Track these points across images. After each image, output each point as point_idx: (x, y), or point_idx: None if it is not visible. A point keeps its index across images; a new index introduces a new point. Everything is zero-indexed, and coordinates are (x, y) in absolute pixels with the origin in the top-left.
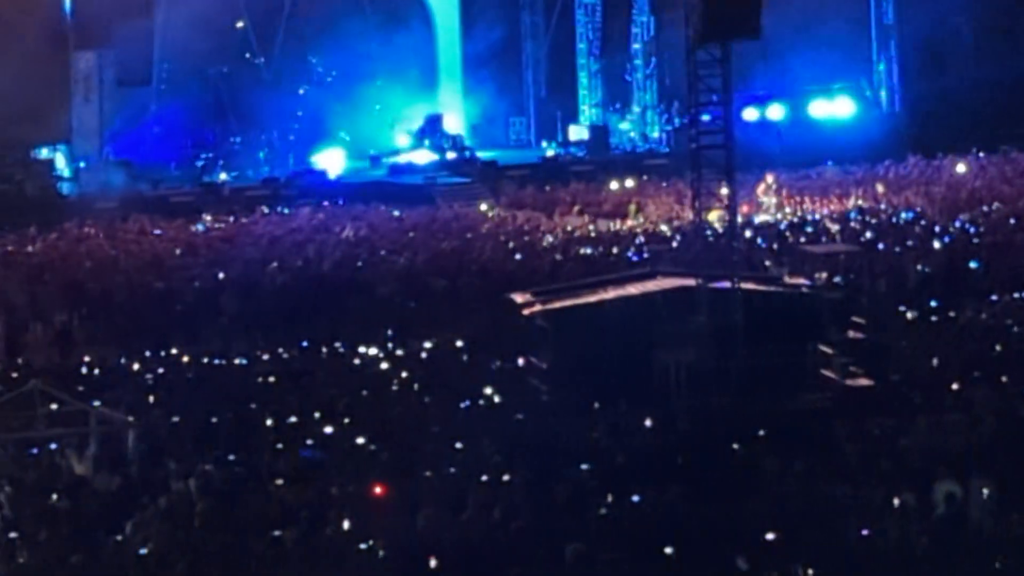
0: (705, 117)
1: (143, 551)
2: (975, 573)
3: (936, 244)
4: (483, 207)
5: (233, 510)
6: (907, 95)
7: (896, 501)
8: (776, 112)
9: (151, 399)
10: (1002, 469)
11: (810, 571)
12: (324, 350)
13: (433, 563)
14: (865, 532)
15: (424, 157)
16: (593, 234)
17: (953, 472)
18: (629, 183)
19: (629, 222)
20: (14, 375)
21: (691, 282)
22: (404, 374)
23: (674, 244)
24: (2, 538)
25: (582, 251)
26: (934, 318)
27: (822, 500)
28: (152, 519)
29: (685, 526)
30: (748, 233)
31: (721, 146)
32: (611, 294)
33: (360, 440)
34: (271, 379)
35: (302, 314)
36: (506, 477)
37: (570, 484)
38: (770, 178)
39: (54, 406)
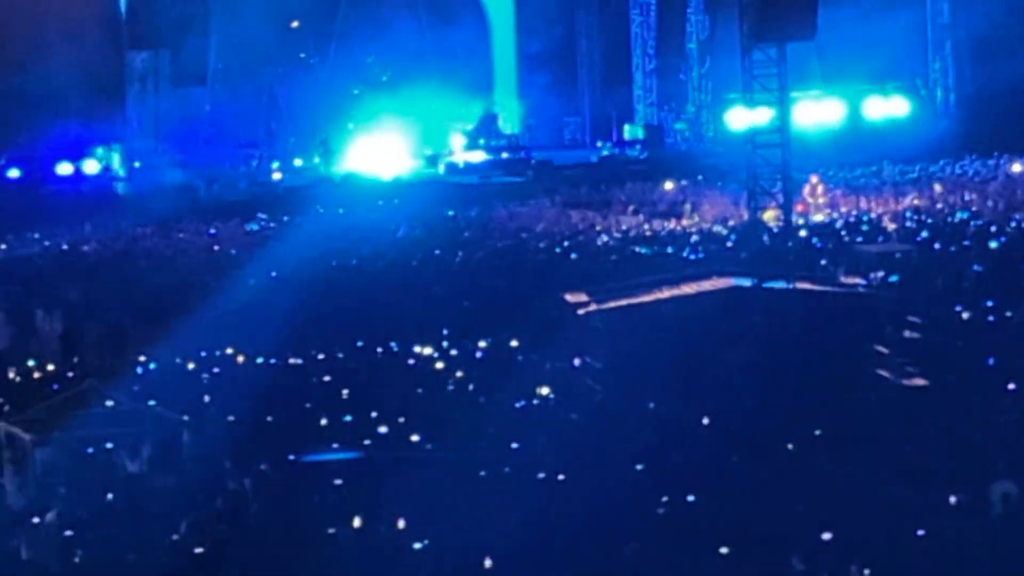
0: (761, 117)
1: (198, 550)
2: None
3: (992, 244)
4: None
5: (288, 509)
6: (962, 94)
7: (952, 501)
8: (831, 111)
9: (206, 398)
10: None
11: (866, 571)
12: (379, 350)
13: (488, 563)
14: (921, 532)
15: (479, 157)
16: (648, 234)
17: (1010, 472)
18: (684, 183)
19: (684, 222)
20: (70, 374)
21: (746, 282)
22: (459, 374)
23: (729, 244)
24: (58, 537)
25: (637, 251)
26: (990, 318)
27: (877, 500)
28: (207, 518)
29: (740, 526)
30: (803, 233)
31: (777, 145)
32: (666, 294)
33: (415, 439)
34: (326, 379)
35: (357, 314)
36: (561, 477)
37: (625, 484)
38: (815, 179)
39: (109, 405)
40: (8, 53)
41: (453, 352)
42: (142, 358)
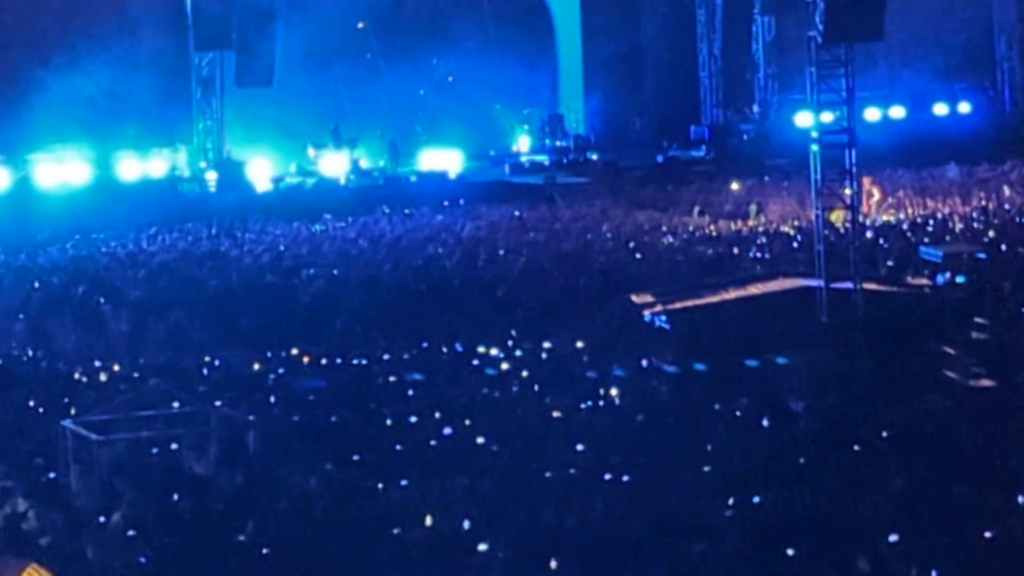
0: (827, 117)
1: (264, 551)
2: None
3: None
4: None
5: (353, 510)
6: None
7: (1020, 502)
8: (898, 112)
9: (271, 399)
10: None
11: (932, 573)
12: (444, 350)
13: (554, 564)
14: (988, 534)
15: (544, 157)
16: (714, 234)
17: None
18: (750, 183)
19: (750, 222)
20: (135, 375)
21: (813, 282)
22: (524, 374)
23: (795, 244)
24: (123, 537)
25: (703, 251)
26: None
27: (944, 501)
28: (273, 519)
29: (806, 527)
30: (869, 233)
31: (844, 146)
32: (732, 294)
33: (480, 440)
34: (391, 379)
35: (422, 314)
36: (627, 478)
37: (692, 485)
38: (867, 181)
39: (175, 405)
40: (73, 54)
41: (518, 353)
42: (207, 358)
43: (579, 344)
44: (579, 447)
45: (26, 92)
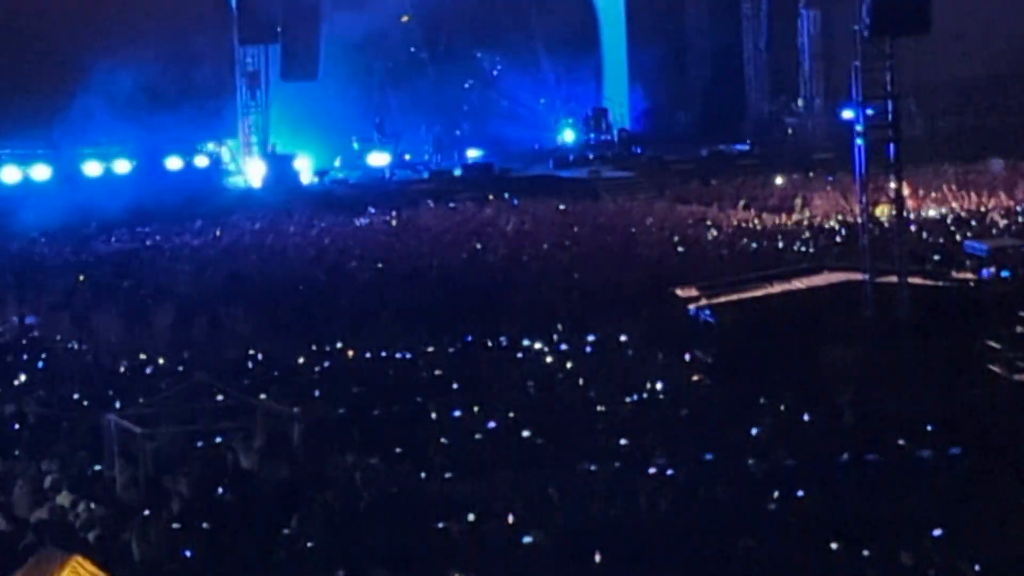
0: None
1: (309, 544)
2: None
3: None
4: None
5: (398, 503)
6: None
7: None
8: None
9: (316, 392)
10: None
11: (976, 567)
12: (489, 344)
13: (598, 558)
14: None
15: (588, 151)
16: (759, 228)
17: None
18: (795, 177)
19: (795, 216)
20: (180, 368)
21: (858, 276)
22: (569, 367)
23: (840, 238)
24: (168, 530)
25: (747, 245)
26: None
27: (989, 496)
28: (318, 513)
29: (850, 522)
30: (914, 227)
31: (889, 140)
32: (777, 289)
33: (525, 434)
34: (436, 373)
35: (467, 308)
36: (671, 472)
37: (736, 479)
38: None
39: (219, 398)
40: (118, 47)
41: (563, 346)
42: (252, 351)
43: (623, 338)
44: (623, 441)
45: (72, 88)
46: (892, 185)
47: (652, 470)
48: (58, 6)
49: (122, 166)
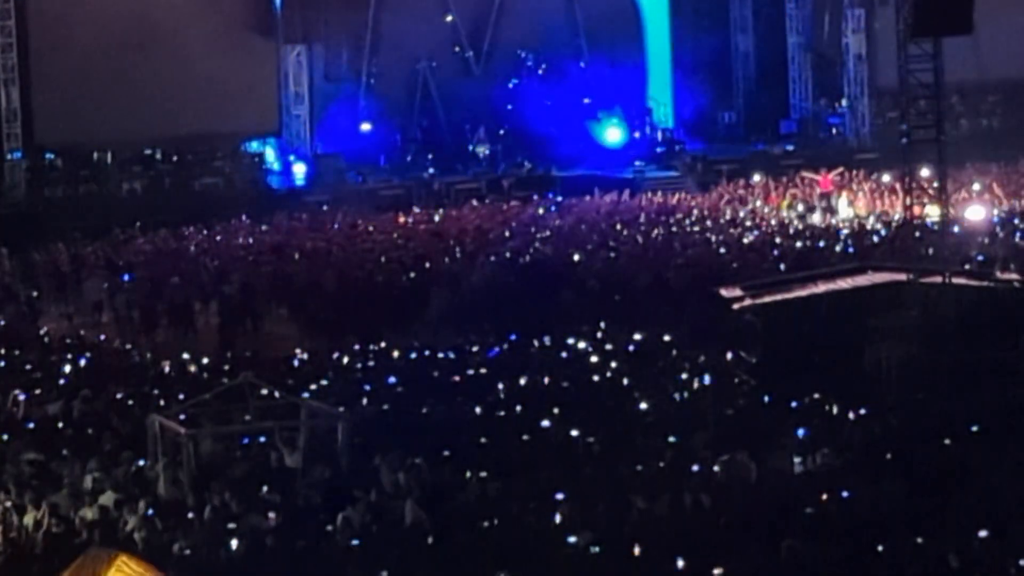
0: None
1: (353, 543)
2: None
3: None
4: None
5: (442, 503)
6: None
7: None
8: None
9: (361, 392)
10: None
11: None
12: (534, 343)
13: (640, 554)
14: None
15: (633, 150)
16: (802, 228)
17: None
18: (839, 176)
19: (840, 216)
20: (225, 367)
21: (902, 276)
22: (614, 365)
23: (877, 238)
24: (214, 530)
25: (791, 245)
26: None
27: None
28: (362, 512)
29: (896, 523)
30: (957, 227)
31: (933, 140)
32: (821, 288)
33: (572, 433)
34: (481, 371)
35: (512, 307)
36: (716, 469)
37: (781, 479)
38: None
39: (265, 396)
40: (161, 47)
41: (608, 346)
42: (297, 351)
43: (667, 337)
44: (670, 439)
45: (112, 86)
46: (935, 184)
47: (696, 468)
48: (100, 6)
49: (163, 165)
